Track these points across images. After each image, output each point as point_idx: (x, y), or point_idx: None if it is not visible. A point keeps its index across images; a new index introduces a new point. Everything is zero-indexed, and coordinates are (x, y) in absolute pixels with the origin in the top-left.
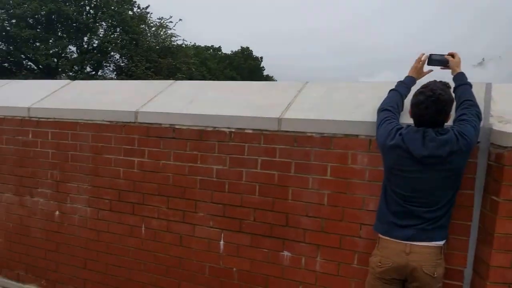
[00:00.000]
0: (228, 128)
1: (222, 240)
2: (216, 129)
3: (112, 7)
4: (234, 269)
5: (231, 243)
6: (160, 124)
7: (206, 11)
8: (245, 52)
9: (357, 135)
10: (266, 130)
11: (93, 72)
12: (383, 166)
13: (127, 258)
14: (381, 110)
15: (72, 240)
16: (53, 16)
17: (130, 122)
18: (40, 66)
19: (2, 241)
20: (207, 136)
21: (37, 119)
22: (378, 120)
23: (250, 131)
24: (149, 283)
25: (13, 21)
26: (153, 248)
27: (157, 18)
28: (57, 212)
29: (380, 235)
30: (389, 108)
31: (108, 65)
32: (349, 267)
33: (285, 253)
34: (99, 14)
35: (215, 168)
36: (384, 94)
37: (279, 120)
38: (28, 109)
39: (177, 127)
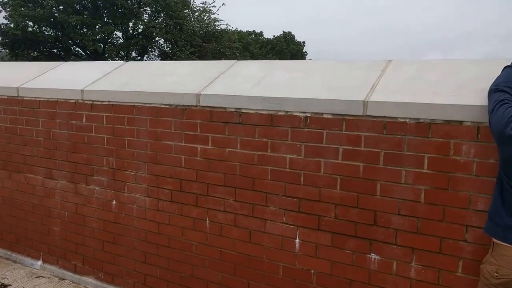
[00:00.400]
0: (303, 112)
1: (297, 238)
2: (289, 113)
3: None
4: (312, 271)
5: (309, 242)
6: (225, 108)
7: None
8: (287, 37)
9: (461, 122)
10: (349, 115)
11: (139, 58)
12: (499, 158)
13: (190, 254)
14: (495, 91)
15: (131, 232)
16: (99, 2)
17: (191, 106)
18: (88, 52)
19: (58, 230)
20: (278, 122)
21: (91, 102)
22: (492, 103)
23: (329, 116)
24: (214, 282)
25: (61, 7)
26: (218, 243)
27: (201, 3)
28: (114, 202)
29: (495, 240)
30: (505, 89)
31: (153, 50)
32: (452, 276)
33: (373, 255)
34: None
35: (288, 158)
36: (492, 75)
37: (365, 103)
38: (82, 91)
39: (243, 111)
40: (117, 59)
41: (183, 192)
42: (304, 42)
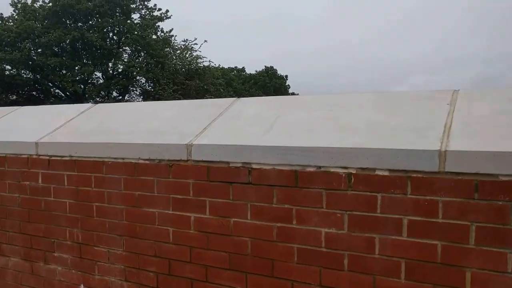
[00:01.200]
0: (345, 168)
1: None
2: (323, 169)
3: (136, 32)
4: None
5: None
6: (228, 162)
7: (228, 32)
8: (270, 72)
9: None
10: (416, 171)
11: (120, 97)
12: None
13: None
14: None
15: None
16: (77, 44)
17: (180, 160)
18: (67, 93)
19: None
20: (306, 181)
21: (48, 157)
22: None
23: (386, 173)
24: None
25: (39, 50)
26: None
27: (182, 41)
28: (81, 286)
29: None
30: None
31: (134, 89)
32: None
33: None
34: (122, 39)
35: (323, 232)
36: None
37: (442, 154)
38: (36, 144)
39: (255, 166)
40: (98, 99)
41: (172, 276)
42: (286, 76)
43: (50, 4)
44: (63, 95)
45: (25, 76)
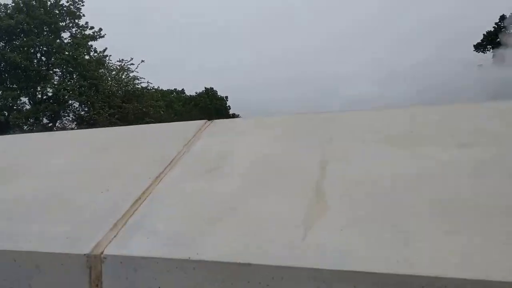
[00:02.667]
0: None
1: None
2: None
3: (66, 52)
4: None
5: None
6: None
7: (165, 56)
8: (210, 93)
9: None
10: None
11: (50, 124)
12: None
13: None
14: None
15: None
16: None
17: None
18: None
19: None
20: None
21: None
22: None
23: None
24: None
25: None
26: None
27: (117, 61)
28: None
29: None
30: None
31: (66, 114)
32: None
33: None
34: (52, 60)
35: None
36: None
37: None
38: None
39: None
40: (25, 127)
41: None
42: (226, 97)
43: None
44: None
45: None
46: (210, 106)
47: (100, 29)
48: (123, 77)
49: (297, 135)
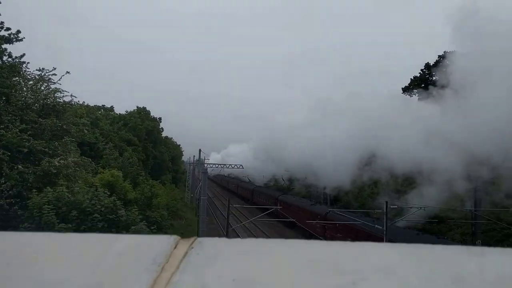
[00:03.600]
0: None
1: None
2: None
3: None
4: None
5: None
6: None
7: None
8: (142, 113)
9: None
10: None
11: None
12: None
13: None
14: None
15: None
16: None
17: None
18: None
19: None
20: None
21: None
22: None
23: None
24: None
25: None
26: None
27: (37, 69)
28: None
29: None
30: None
31: None
32: None
33: None
34: None
35: None
36: None
37: None
38: None
39: None
40: None
41: None
42: (160, 118)
43: None
44: None
45: None
46: (141, 126)
47: (18, 31)
48: (42, 88)
49: None
